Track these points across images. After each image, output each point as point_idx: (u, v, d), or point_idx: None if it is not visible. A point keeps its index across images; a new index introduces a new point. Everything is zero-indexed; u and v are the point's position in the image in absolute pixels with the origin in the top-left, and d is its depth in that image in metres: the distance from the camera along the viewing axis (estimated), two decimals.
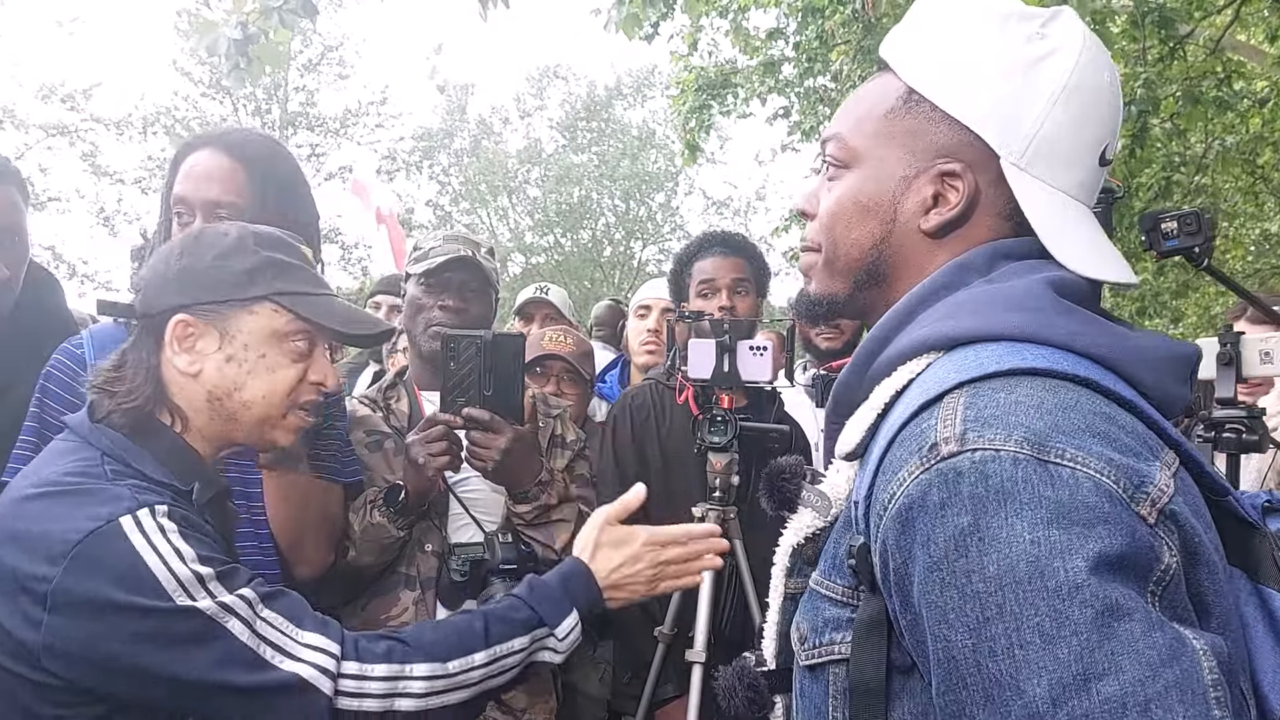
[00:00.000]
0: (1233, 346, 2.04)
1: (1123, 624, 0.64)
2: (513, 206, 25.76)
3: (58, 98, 18.33)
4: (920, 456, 0.73)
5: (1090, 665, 0.63)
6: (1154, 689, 0.62)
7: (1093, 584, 0.64)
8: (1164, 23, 5.31)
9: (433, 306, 1.99)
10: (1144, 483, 0.69)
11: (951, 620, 0.68)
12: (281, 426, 1.28)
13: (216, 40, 3.39)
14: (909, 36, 0.93)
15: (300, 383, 1.27)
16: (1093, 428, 0.71)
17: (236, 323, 1.23)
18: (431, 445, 1.79)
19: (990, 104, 0.86)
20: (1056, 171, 0.87)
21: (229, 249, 1.24)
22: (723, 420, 2.20)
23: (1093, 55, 0.87)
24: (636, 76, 25.83)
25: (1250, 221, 10.40)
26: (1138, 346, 0.81)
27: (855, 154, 0.93)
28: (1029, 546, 0.66)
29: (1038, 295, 0.81)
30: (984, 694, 0.66)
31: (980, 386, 0.74)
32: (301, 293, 1.26)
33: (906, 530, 0.72)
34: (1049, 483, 0.68)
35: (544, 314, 3.31)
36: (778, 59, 7.75)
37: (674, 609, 2.20)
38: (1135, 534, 0.67)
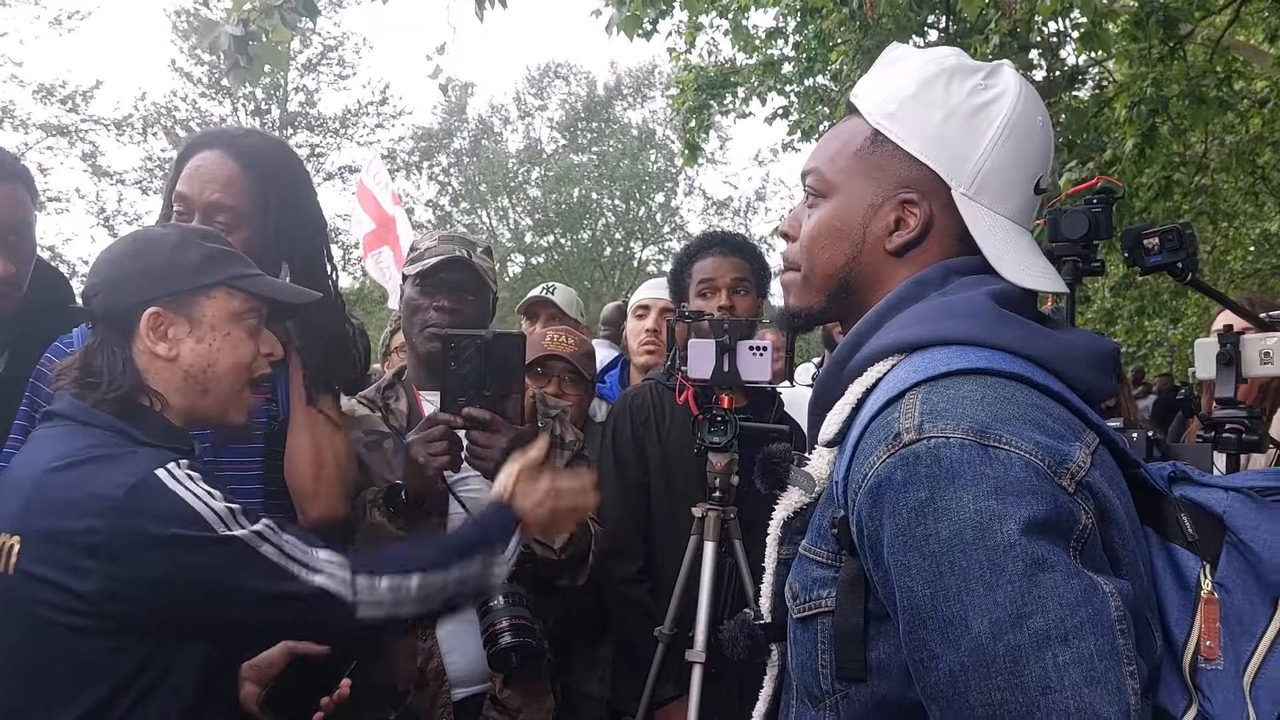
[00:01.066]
0: (1233, 346, 2.04)
1: (1047, 574, 0.81)
2: (513, 207, 25.78)
3: (57, 98, 18.33)
4: (886, 444, 0.89)
5: (1022, 606, 0.80)
6: (1072, 623, 0.79)
7: (1023, 543, 0.81)
8: (1168, 23, 5.31)
9: (428, 307, 1.99)
10: (1065, 460, 0.86)
11: (914, 574, 0.85)
12: (237, 402, 1.43)
13: (218, 37, 3.39)
14: (874, 86, 1.09)
15: (255, 358, 1.43)
16: (1025, 416, 0.88)
17: (200, 308, 1.39)
18: (432, 445, 1.79)
19: (942, 144, 1.03)
20: (998, 200, 1.03)
21: (178, 244, 1.41)
22: (723, 420, 2.20)
23: (1027, 102, 1.04)
24: (636, 76, 25.86)
25: (1250, 221, 10.41)
26: (1066, 346, 0.98)
27: (831, 185, 1.09)
28: (973, 515, 0.83)
29: (981, 305, 0.98)
30: (940, 632, 0.83)
31: (934, 385, 0.91)
32: (248, 275, 1.43)
33: (877, 504, 0.89)
34: (988, 462, 0.84)
35: (548, 314, 3.30)
36: (777, 58, 7.74)
37: (674, 609, 2.20)
38: (1057, 501, 0.84)
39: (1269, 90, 7.17)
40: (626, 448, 2.41)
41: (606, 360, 3.45)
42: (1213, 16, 6.20)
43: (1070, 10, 6.08)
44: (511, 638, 1.74)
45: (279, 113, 21.25)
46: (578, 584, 2.01)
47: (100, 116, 19.12)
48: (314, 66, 21.52)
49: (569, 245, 25.78)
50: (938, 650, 0.83)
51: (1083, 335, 1.04)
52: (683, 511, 2.27)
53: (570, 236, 25.74)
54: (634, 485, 2.39)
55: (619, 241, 26.16)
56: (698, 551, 2.19)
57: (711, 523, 2.20)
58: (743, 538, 2.20)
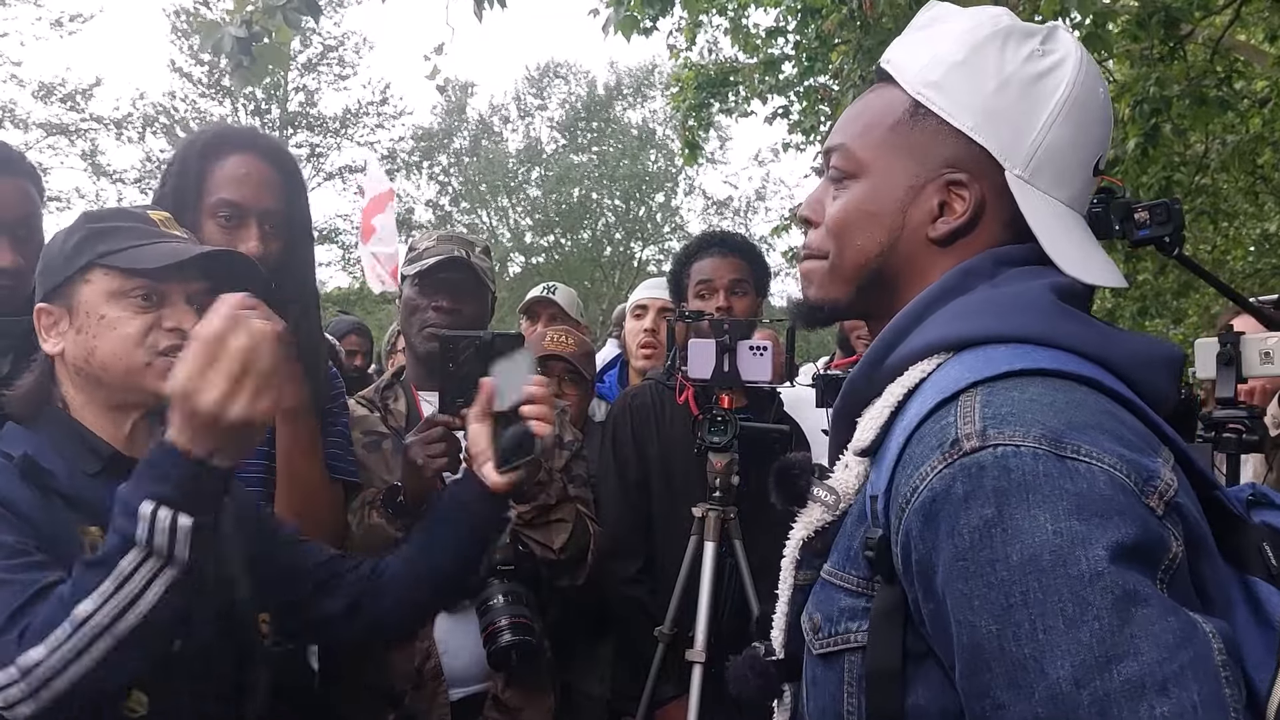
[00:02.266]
0: (1233, 346, 2.04)
1: (1140, 609, 0.68)
2: (512, 207, 25.77)
3: (57, 97, 18.33)
4: (942, 452, 0.76)
5: (1111, 648, 0.67)
6: (1171, 669, 0.67)
7: (1112, 571, 0.69)
8: (1169, 23, 5.30)
9: (427, 307, 1.99)
10: (1152, 476, 0.74)
11: (976, 607, 0.72)
12: (150, 375, 1.26)
13: (221, 39, 3.39)
14: (912, 51, 0.96)
15: (152, 330, 1.27)
16: (1101, 425, 0.75)
17: (76, 296, 1.28)
18: (430, 447, 1.78)
19: (995, 118, 0.90)
20: (1056, 183, 0.92)
21: (62, 235, 1.32)
22: (723, 420, 2.20)
23: (1088, 71, 0.92)
24: (636, 76, 25.85)
25: (1250, 221, 10.41)
26: (1133, 349, 0.86)
27: (862, 164, 0.96)
28: (1051, 536, 0.70)
29: (1041, 300, 0.86)
30: (1008, 677, 0.70)
31: (994, 386, 0.79)
32: (125, 248, 1.28)
33: (930, 522, 0.76)
34: (1068, 476, 0.72)
35: (549, 314, 3.30)
36: (778, 57, 7.74)
37: (674, 609, 2.20)
38: (1147, 524, 0.71)
39: (1269, 90, 7.16)
40: (626, 447, 2.41)
41: (606, 359, 3.45)
42: (1213, 16, 6.19)
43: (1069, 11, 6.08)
44: (511, 636, 1.74)
45: (279, 113, 21.25)
46: (577, 584, 2.01)
47: (100, 115, 19.15)
48: (314, 66, 21.52)
49: (569, 245, 25.76)
50: (1004, 699, 0.70)
51: (1141, 338, 0.90)
52: (682, 511, 2.27)
53: (570, 236, 25.73)
54: (634, 485, 2.39)
55: (619, 241, 26.14)
56: (698, 551, 2.19)
57: (711, 523, 2.20)
58: (743, 538, 2.20)
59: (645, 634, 2.22)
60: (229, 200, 1.68)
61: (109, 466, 1.27)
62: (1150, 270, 9.02)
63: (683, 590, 2.20)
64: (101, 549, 1.10)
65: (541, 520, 1.90)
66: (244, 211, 1.69)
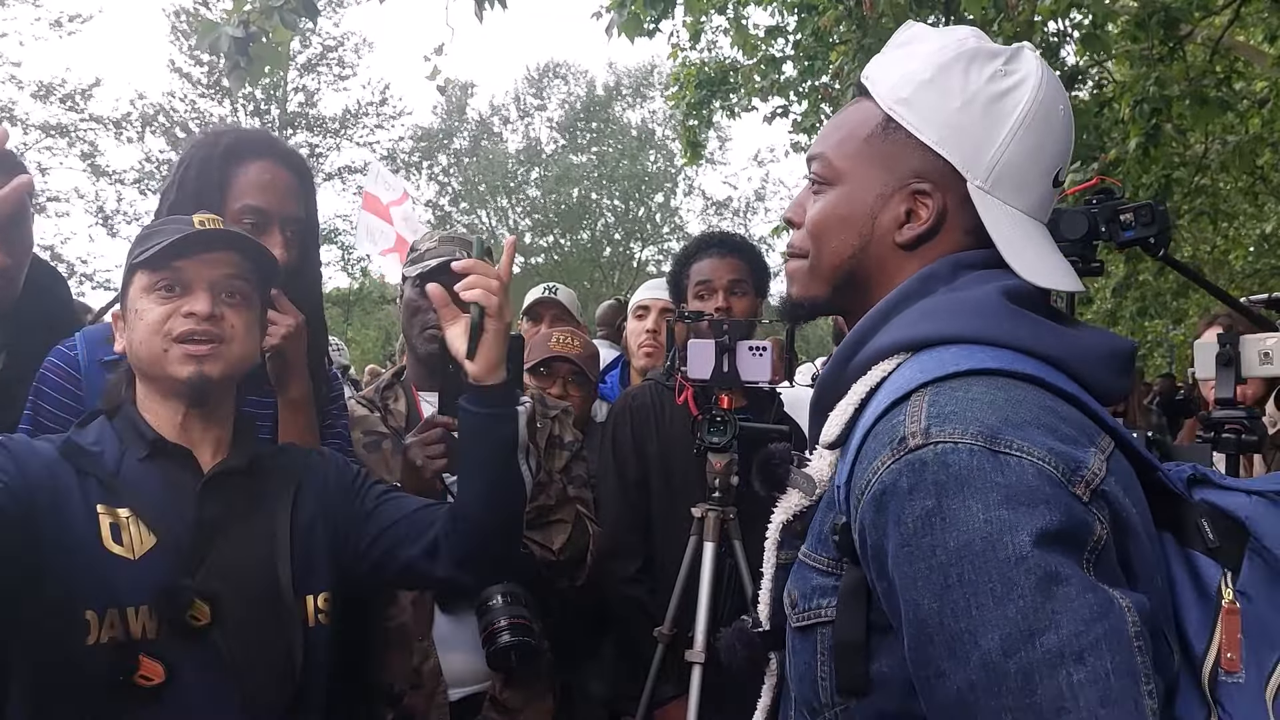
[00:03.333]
0: (1232, 347, 2.04)
1: (1060, 587, 0.76)
2: (512, 207, 25.78)
3: (56, 97, 18.32)
4: (892, 448, 0.84)
5: (1034, 622, 0.76)
6: (1087, 640, 0.75)
7: (1035, 554, 0.77)
8: (1169, 23, 5.30)
9: (428, 309, 1.99)
10: (1079, 467, 0.81)
11: (920, 586, 0.81)
12: (169, 361, 1.39)
13: (218, 38, 3.39)
14: (887, 68, 1.04)
15: (170, 317, 1.39)
16: (1037, 420, 0.83)
17: (128, 299, 1.44)
18: (430, 448, 1.79)
19: (958, 134, 0.98)
20: (1015, 193, 0.98)
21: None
22: (722, 420, 2.20)
23: (1048, 90, 0.98)
24: (636, 77, 25.86)
25: (1250, 222, 10.42)
26: (1081, 345, 0.93)
27: (838, 172, 1.04)
28: (983, 525, 0.78)
29: (992, 302, 0.93)
30: (948, 647, 0.79)
31: (941, 386, 0.86)
32: (152, 246, 1.40)
33: (881, 511, 0.84)
34: (999, 470, 0.80)
35: (552, 314, 3.29)
36: (778, 57, 7.72)
37: (673, 609, 2.20)
38: (1071, 511, 0.79)
39: (1268, 90, 7.16)
40: (626, 448, 2.41)
41: (605, 360, 3.45)
42: (1212, 16, 6.19)
43: (1070, 10, 6.08)
44: (510, 637, 1.74)
45: (278, 113, 21.25)
46: (576, 584, 2.01)
47: (99, 115, 19.13)
48: (314, 67, 21.51)
49: (568, 245, 25.77)
50: (945, 667, 0.79)
51: (1097, 333, 0.98)
52: (682, 511, 2.26)
53: (570, 237, 25.74)
54: (633, 485, 2.39)
55: (618, 242, 26.16)
56: (697, 552, 2.19)
57: (711, 523, 2.20)
58: (742, 538, 2.20)
59: (644, 634, 2.22)
60: (255, 206, 1.69)
61: (153, 451, 1.40)
62: (1150, 270, 9.02)
63: (682, 590, 2.20)
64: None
65: (541, 521, 1.90)
66: (269, 217, 1.70)
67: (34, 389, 1.64)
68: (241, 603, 1.34)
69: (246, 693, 1.32)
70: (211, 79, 19.75)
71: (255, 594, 1.37)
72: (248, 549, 1.39)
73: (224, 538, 1.38)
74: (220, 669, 1.31)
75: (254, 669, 1.34)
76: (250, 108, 20.61)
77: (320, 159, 21.36)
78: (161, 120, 19.80)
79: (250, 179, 1.70)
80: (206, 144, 1.74)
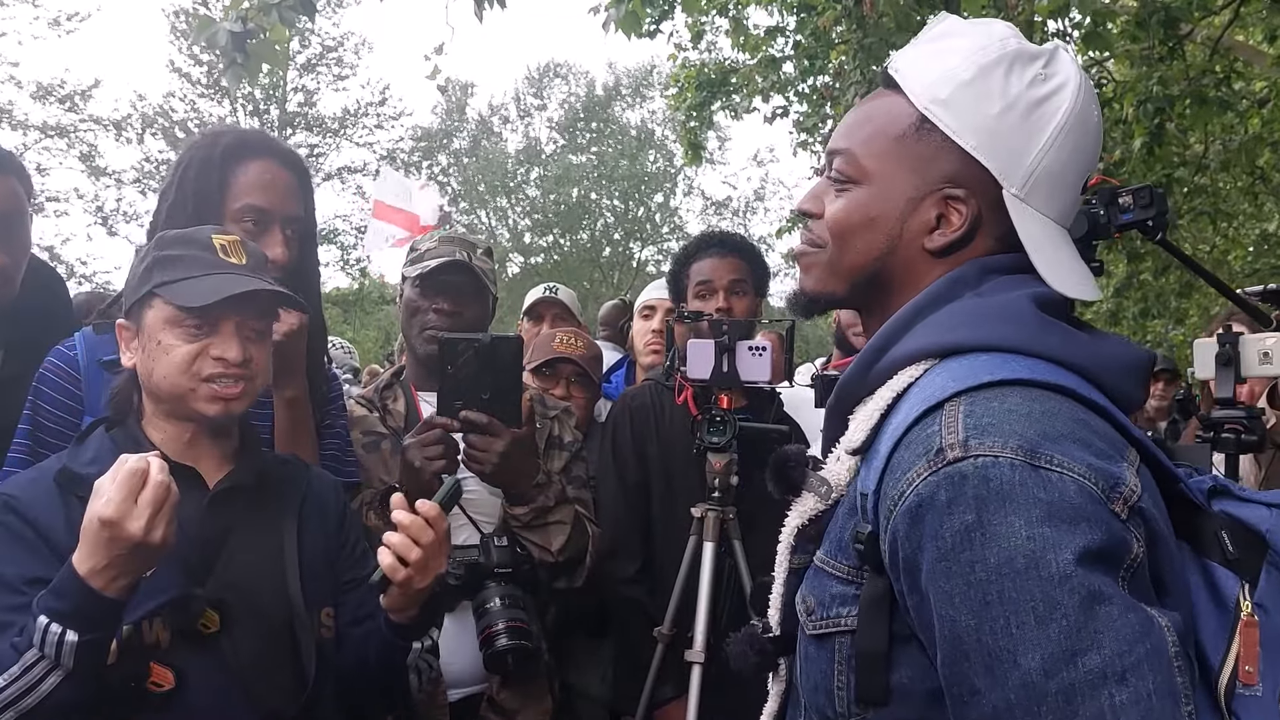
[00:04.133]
0: (1232, 347, 2.04)
1: (1103, 607, 0.75)
2: (511, 207, 25.78)
3: (55, 98, 18.30)
4: (928, 459, 0.82)
5: (1076, 642, 0.75)
6: (1129, 661, 0.74)
7: (1079, 573, 0.76)
8: (1169, 22, 5.30)
9: (428, 309, 1.99)
10: (1118, 483, 0.80)
11: (957, 603, 0.79)
12: (197, 399, 1.40)
13: (216, 34, 3.39)
14: (921, 63, 0.99)
15: (198, 358, 1.39)
16: (1073, 434, 0.82)
17: (143, 319, 1.42)
18: (428, 449, 1.78)
19: (997, 140, 0.95)
20: (1048, 201, 0.97)
21: (141, 256, 1.45)
22: (722, 420, 2.20)
23: (1086, 94, 0.96)
24: (635, 77, 25.86)
25: (1250, 222, 10.41)
26: (1105, 355, 0.92)
27: (865, 171, 1.00)
28: (1025, 541, 0.77)
29: (1023, 310, 0.92)
30: (985, 666, 0.78)
31: (976, 396, 0.84)
32: (179, 279, 1.39)
33: (916, 524, 0.82)
34: (1041, 485, 0.78)
35: (554, 314, 3.30)
36: (778, 57, 7.72)
37: (673, 609, 2.20)
38: (1111, 529, 0.78)
39: (1268, 90, 7.16)
40: (626, 448, 2.41)
41: (609, 360, 3.45)
42: (1212, 16, 6.19)
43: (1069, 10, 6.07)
44: (508, 640, 1.74)
45: (278, 113, 21.24)
46: (575, 585, 2.01)
47: (99, 116, 19.12)
48: (313, 67, 21.49)
49: (568, 245, 25.77)
50: (981, 685, 0.78)
51: (1119, 343, 0.97)
52: (682, 512, 2.26)
53: (569, 237, 25.73)
54: (633, 486, 2.39)
55: (618, 242, 26.15)
56: (697, 552, 2.19)
57: (711, 523, 2.19)
58: (742, 538, 2.20)
59: (643, 634, 2.22)
60: (256, 206, 1.69)
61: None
62: (1151, 270, 9.00)
63: (682, 591, 2.19)
64: (25, 635, 1.22)
65: (539, 523, 1.90)
66: (270, 217, 1.70)
67: (33, 389, 1.64)
68: (250, 612, 1.37)
69: (255, 698, 1.34)
70: (211, 79, 19.73)
71: (264, 604, 1.39)
72: (255, 561, 1.41)
73: (232, 549, 1.40)
74: (228, 675, 1.33)
75: (263, 676, 1.36)
76: (249, 108, 20.59)
77: (320, 159, 21.35)
78: (161, 122, 19.78)
79: (250, 179, 1.70)
80: (205, 144, 1.74)
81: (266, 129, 19.56)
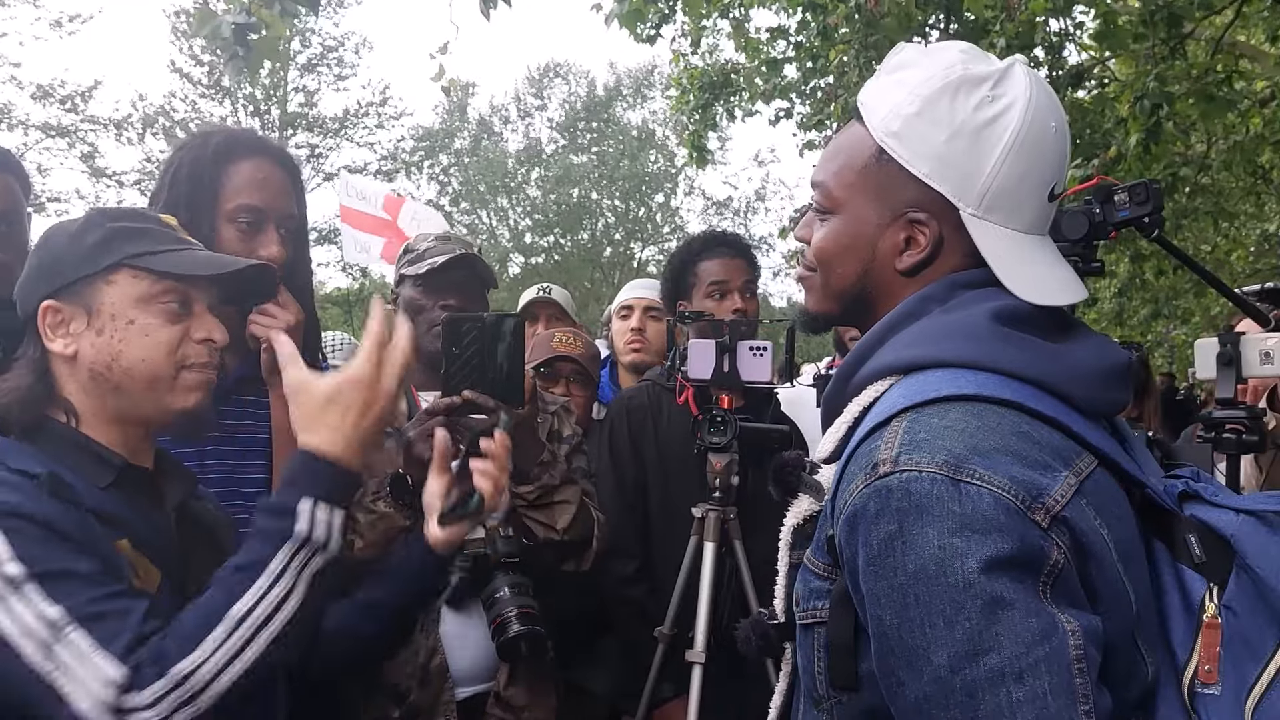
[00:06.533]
0: (1233, 347, 2.03)
1: (1005, 612, 0.82)
2: (512, 207, 25.77)
3: (56, 99, 18.31)
4: (866, 473, 0.90)
5: (979, 643, 0.82)
6: (1027, 661, 0.81)
7: (982, 581, 0.82)
8: (1173, 21, 5.29)
9: (433, 307, 1.99)
10: (1040, 494, 0.86)
11: (883, 603, 0.87)
12: (176, 388, 1.26)
13: (218, 26, 3.40)
14: (879, 97, 1.05)
15: (183, 341, 1.26)
16: (1007, 447, 0.87)
17: (99, 296, 1.23)
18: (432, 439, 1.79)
19: (948, 165, 1.00)
20: (1010, 215, 1.01)
21: (79, 230, 1.26)
22: (722, 420, 2.20)
23: (1038, 107, 0.99)
24: (636, 77, 25.85)
25: (1251, 222, 10.41)
26: (1069, 363, 0.96)
27: (837, 202, 1.08)
28: (937, 550, 0.84)
29: (978, 325, 0.96)
30: (906, 660, 0.86)
31: (921, 412, 0.91)
32: (156, 251, 1.25)
33: (853, 532, 0.90)
34: (956, 499, 0.85)
35: (548, 314, 3.31)
36: (779, 59, 7.71)
37: (674, 609, 2.20)
38: (1026, 538, 0.84)
39: (1270, 90, 7.15)
40: (623, 448, 2.41)
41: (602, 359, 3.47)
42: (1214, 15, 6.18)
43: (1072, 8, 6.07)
44: (520, 626, 1.74)
45: (278, 113, 21.24)
46: (583, 569, 2.00)
47: (99, 117, 19.12)
48: (313, 67, 21.51)
49: (569, 245, 25.76)
50: (904, 677, 0.86)
51: (1091, 347, 1.01)
52: (681, 512, 2.27)
53: (570, 237, 25.72)
54: (631, 485, 2.39)
55: (619, 242, 26.14)
56: (698, 552, 2.20)
57: (711, 523, 2.20)
58: (743, 538, 2.20)
59: (642, 635, 2.22)
60: (250, 205, 1.69)
61: (120, 478, 1.24)
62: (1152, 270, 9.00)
63: (683, 591, 2.20)
64: (244, 554, 1.17)
65: (545, 501, 1.89)
66: (263, 216, 1.70)
67: None
68: None
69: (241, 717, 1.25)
70: (212, 79, 19.74)
71: None
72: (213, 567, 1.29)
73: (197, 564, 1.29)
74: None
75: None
76: (250, 108, 20.59)
77: (320, 159, 21.37)
78: (162, 122, 19.79)
79: (244, 178, 1.70)
80: (195, 145, 1.74)
81: (267, 129, 19.58)
